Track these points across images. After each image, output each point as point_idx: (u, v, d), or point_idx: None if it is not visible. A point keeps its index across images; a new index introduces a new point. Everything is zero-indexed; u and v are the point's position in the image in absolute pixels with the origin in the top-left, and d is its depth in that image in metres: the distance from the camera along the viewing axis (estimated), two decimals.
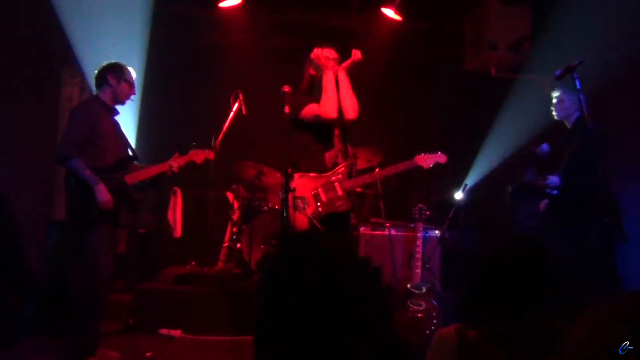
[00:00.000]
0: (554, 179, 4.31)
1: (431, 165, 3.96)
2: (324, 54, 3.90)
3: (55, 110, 5.82)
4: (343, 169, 3.86)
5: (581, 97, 3.53)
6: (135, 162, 4.08)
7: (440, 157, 3.98)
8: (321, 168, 3.84)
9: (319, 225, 3.70)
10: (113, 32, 6.09)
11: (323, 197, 3.78)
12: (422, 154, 3.96)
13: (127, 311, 4.77)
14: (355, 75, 3.93)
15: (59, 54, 5.81)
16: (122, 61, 4.10)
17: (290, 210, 3.62)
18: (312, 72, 3.94)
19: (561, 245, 3.96)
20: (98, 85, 3.98)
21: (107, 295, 3.94)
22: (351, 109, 3.85)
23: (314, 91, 3.92)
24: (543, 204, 4.50)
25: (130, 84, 4.02)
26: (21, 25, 4.97)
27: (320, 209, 3.77)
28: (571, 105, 4.36)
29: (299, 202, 3.75)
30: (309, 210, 3.76)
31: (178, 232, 6.16)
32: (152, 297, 4.83)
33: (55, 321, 4.40)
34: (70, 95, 6.03)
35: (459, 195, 4.89)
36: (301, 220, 3.72)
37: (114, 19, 6.06)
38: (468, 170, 6.66)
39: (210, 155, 4.16)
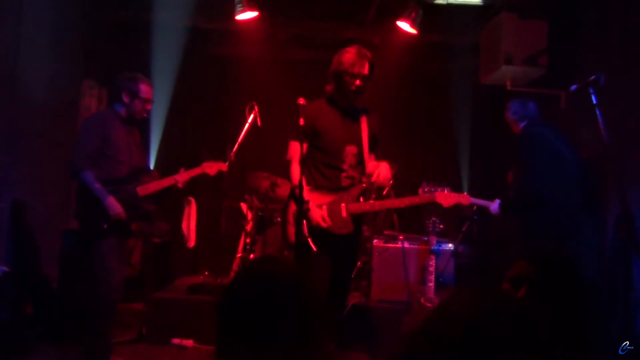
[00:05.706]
0: None
1: (451, 205, 3.71)
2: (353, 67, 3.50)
3: (74, 120, 5.88)
4: (357, 191, 3.64)
5: (598, 112, 3.50)
6: (149, 173, 4.10)
7: (464, 198, 3.74)
8: (335, 185, 3.61)
9: (311, 243, 3.44)
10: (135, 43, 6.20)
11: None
12: (445, 191, 3.70)
13: (140, 320, 4.79)
14: (370, 89, 3.67)
15: (80, 65, 5.89)
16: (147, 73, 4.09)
17: (288, 224, 3.55)
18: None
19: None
20: (114, 98, 3.99)
21: (117, 305, 3.94)
22: None
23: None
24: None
25: (144, 100, 3.93)
26: (45, 36, 5.03)
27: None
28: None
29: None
30: (305, 227, 3.49)
31: (192, 242, 6.19)
32: (165, 306, 4.85)
33: (70, 329, 4.43)
34: (88, 106, 6.09)
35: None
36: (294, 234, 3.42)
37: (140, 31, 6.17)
38: (481, 182, 6.63)
39: (224, 167, 4.12)
